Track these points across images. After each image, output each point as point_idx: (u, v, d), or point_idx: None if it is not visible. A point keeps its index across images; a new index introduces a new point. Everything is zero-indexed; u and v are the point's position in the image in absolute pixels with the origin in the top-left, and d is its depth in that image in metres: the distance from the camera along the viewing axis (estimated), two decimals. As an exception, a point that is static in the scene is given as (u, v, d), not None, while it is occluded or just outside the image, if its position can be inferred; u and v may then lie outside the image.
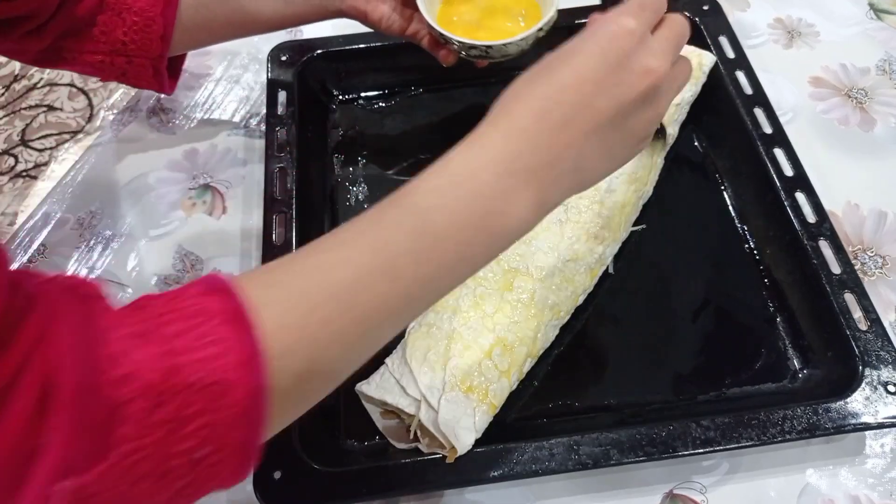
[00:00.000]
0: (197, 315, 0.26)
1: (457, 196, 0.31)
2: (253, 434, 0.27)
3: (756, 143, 0.57)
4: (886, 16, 0.72)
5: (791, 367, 0.50)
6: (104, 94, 1.53)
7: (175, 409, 0.25)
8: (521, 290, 0.49)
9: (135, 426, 0.24)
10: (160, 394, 0.25)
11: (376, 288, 0.30)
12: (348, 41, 0.67)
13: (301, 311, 0.29)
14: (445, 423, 0.43)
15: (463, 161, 0.32)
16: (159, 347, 0.25)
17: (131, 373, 0.25)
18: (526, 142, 0.31)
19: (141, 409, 0.24)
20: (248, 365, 0.26)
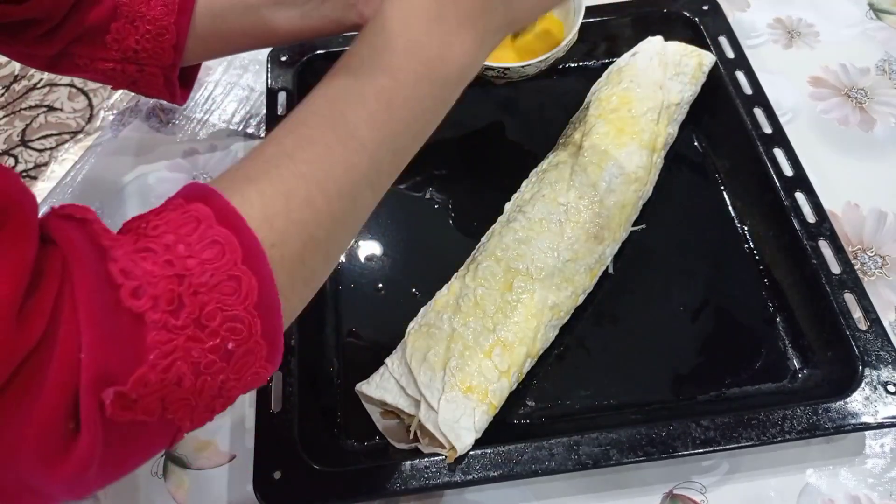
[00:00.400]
0: (189, 222, 0.28)
1: (395, 52, 0.32)
2: (272, 321, 0.28)
3: (756, 143, 0.57)
4: (886, 16, 0.72)
5: (791, 367, 0.50)
6: (104, 94, 1.53)
7: (193, 311, 0.26)
8: (521, 290, 0.49)
9: (161, 331, 0.26)
10: (175, 298, 0.26)
11: (343, 160, 0.31)
12: (348, 42, 0.67)
13: (280, 199, 0.30)
14: (445, 423, 0.43)
15: (394, 17, 0.32)
16: (162, 256, 0.27)
17: (143, 284, 0.26)
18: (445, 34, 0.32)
19: (162, 315, 0.26)
20: (250, 258, 0.27)
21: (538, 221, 0.52)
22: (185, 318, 0.26)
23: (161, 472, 0.49)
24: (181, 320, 0.26)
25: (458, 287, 0.50)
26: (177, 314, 0.26)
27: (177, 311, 0.26)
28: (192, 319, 0.26)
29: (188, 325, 0.26)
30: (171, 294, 0.26)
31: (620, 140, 0.56)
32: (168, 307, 0.26)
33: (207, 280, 0.27)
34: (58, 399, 0.24)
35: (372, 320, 0.54)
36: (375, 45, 0.32)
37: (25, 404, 0.24)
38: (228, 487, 0.48)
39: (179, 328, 0.26)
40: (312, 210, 0.31)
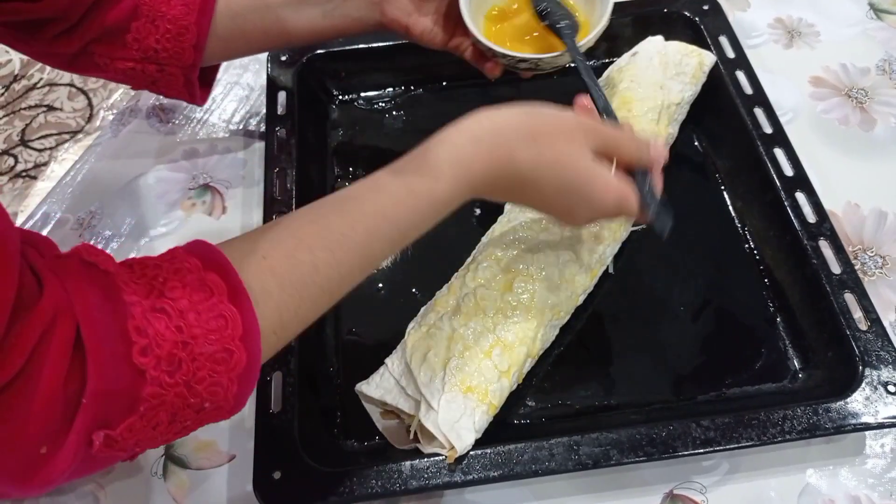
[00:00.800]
0: (203, 290, 0.31)
1: (430, 216, 0.40)
2: (247, 388, 0.33)
3: (756, 142, 0.57)
4: (886, 16, 0.72)
5: (791, 367, 0.50)
6: (104, 94, 1.53)
7: (188, 374, 0.30)
8: (521, 290, 0.49)
9: (157, 387, 0.29)
10: (176, 360, 0.30)
11: (357, 276, 0.38)
12: (348, 41, 0.67)
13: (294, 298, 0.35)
14: (445, 423, 0.43)
15: (443, 191, 0.39)
16: (174, 321, 0.30)
17: (152, 344, 0.29)
18: (471, 191, 0.41)
19: (162, 373, 0.29)
20: (247, 337, 0.32)
21: (538, 221, 0.52)
22: (179, 378, 0.30)
23: (161, 472, 0.49)
24: (175, 379, 0.30)
25: (458, 287, 0.50)
26: (173, 374, 0.30)
27: (174, 371, 0.30)
28: (185, 381, 0.30)
29: (179, 385, 0.30)
30: (174, 357, 0.30)
31: (620, 140, 0.56)
32: (168, 367, 0.30)
33: (207, 349, 0.30)
34: (37, 431, 0.27)
35: (372, 320, 0.54)
36: (418, 208, 0.39)
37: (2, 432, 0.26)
38: (228, 487, 0.48)
39: (171, 385, 0.30)
40: (315, 306, 0.37)
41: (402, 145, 0.65)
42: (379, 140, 0.65)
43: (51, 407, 0.27)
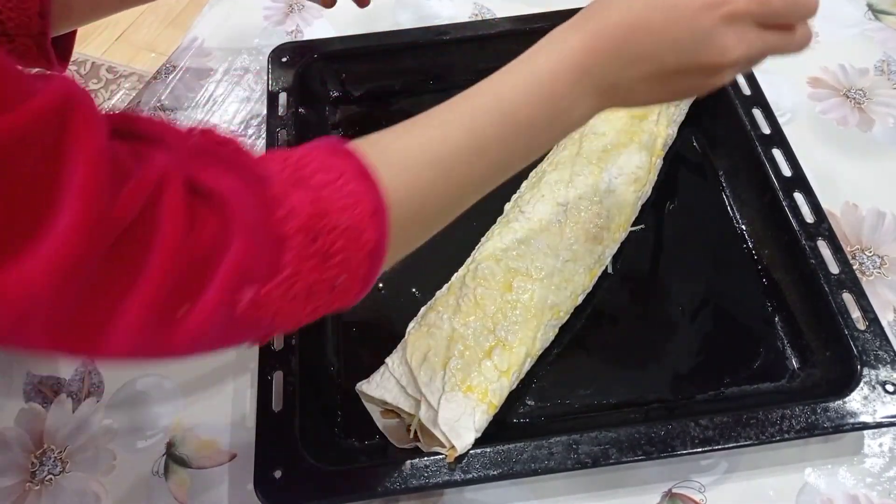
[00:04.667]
0: (332, 170, 0.32)
1: (539, 96, 0.36)
2: (375, 267, 0.33)
3: (755, 143, 0.57)
4: (885, 16, 0.72)
5: (789, 367, 0.51)
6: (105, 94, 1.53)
7: (324, 245, 0.31)
8: (521, 290, 0.49)
9: (296, 254, 0.30)
10: (313, 230, 0.30)
11: (469, 162, 0.36)
12: (349, 42, 0.67)
13: (410, 175, 0.35)
14: (445, 423, 0.44)
15: (546, 62, 0.36)
16: (310, 194, 0.31)
17: (291, 212, 0.30)
18: (599, 63, 0.36)
19: (300, 241, 0.30)
20: (376, 215, 0.32)
21: (537, 221, 0.52)
22: (316, 249, 0.30)
23: (162, 471, 0.49)
24: (313, 249, 0.30)
25: (458, 287, 0.50)
26: (311, 244, 0.30)
27: (312, 241, 0.30)
28: (321, 252, 0.30)
29: (316, 256, 0.30)
30: (312, 226, 0.30)
31: (620, 141, 0.56)
32: (307, 237, 0.30)
33: (342, 223, 0.31)
34: (167, 282, 0.26)
35: (372, 320, 0.54)
36: (525, 84, 0.36)
37: (126, 283, 0.26)
38: (229, 486, 0.48)
39: (310, 256, 0.30)
40: (431, 192, 0.36)
41: (403, 146, 0.65)
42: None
43: (176, 257, 0.26)
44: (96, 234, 0.24)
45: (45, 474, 0.49)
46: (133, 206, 0.25)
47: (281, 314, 0.31)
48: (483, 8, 0.77)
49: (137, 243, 0.26)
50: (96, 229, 0.24)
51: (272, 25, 0.77)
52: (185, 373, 0.53)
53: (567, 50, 0.36)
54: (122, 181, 0.26)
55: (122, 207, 0.25)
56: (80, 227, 0.23)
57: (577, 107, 0.37)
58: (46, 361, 0.55)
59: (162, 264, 0.26)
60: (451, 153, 0.36)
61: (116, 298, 0.26)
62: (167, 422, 0.51)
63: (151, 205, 0.26)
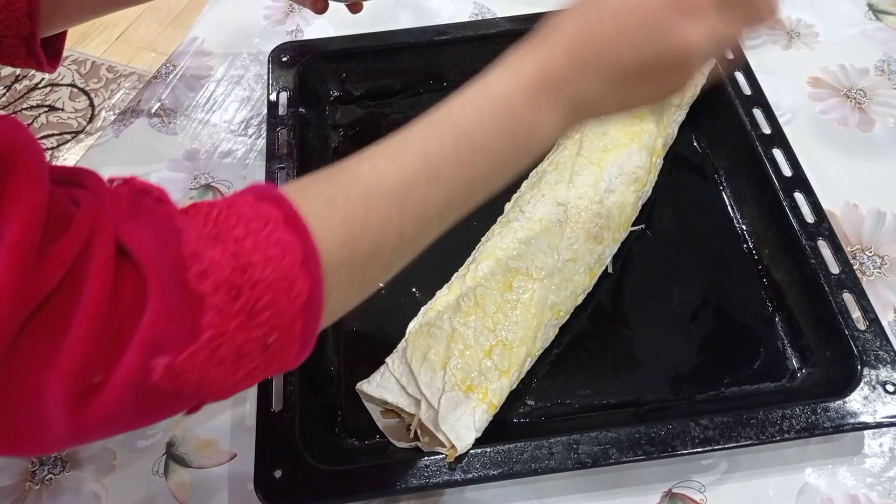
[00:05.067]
0: (257, 219, 0.30)
1: (494, 117, 0.35)
2: (312, 322, 0.31)
3: (755, 143, 0.57)
4: (885, 16, 0.73)
5: (790, 367, 0.51)
6: (105, 94, 1.53)
7: (249, 301, 0.28)
8: (521, 290, 0.49)
9: (217, 315, 0.28)
10: (236, 287, 0.28)
11: (424, 191, 0.34)
12: (349, 42, 0.67)
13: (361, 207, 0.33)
14: (445, 423, 0.44)
15: (500, 82, 0.35)
16: (230, 248, 0.29)
17: (209, 268, 0.28)
18: (557, 78, 0.35)
19: (221, 300, 0.28)
20: (307, 263, 0.30)
21: (538, 221, 0.52)
22: (239, 306, 0.28)
23: (162, 471, 0.49)
24: (236, 307, 0.28)
25: (458, 287, 0.50)
26: (233, 302, 0.28)
27: (234, 299, 0.28)
28: (246, 309, 0.28)
29: (241, 314, 0.28)
30: (233, 283, 0.28)
31: (620, 141, 0.56)
32: (228, 294, 0.28)
33: (267, 276, 0.29)
34: (86, 350, 0.25)
35: (372, 320, 0.54)
36: (478, 106, 0.35)
37: (49, 347, 0.25)
38: (229, 486, 0.48)
39: (233, 315, 0.28)
40: (387, 225, 0.33)
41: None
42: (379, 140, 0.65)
43: (98, 322, 0.25)
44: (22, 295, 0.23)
45: (45, 474, 0.49)
46: (63, 263, 0.25)
47: (208, 381, 0.28)
48: (483, 8, 0.77)
49: (63, 305, 0.25)
50: (23, 290, 0.23)
51: (272, 25, 0.77)
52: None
53: (521, 68, 0.35)
54: (58, 234, 0.25)
55: (52, 266, 0.24)
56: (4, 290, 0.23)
57: (538, 125, 0.35)
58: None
59: (84, 331, 0.25)
60: (404, 182, 0.34)
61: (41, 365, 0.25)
62: (167, 422, 0.51)
63: (81, 260, 0.25)
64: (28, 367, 0.25)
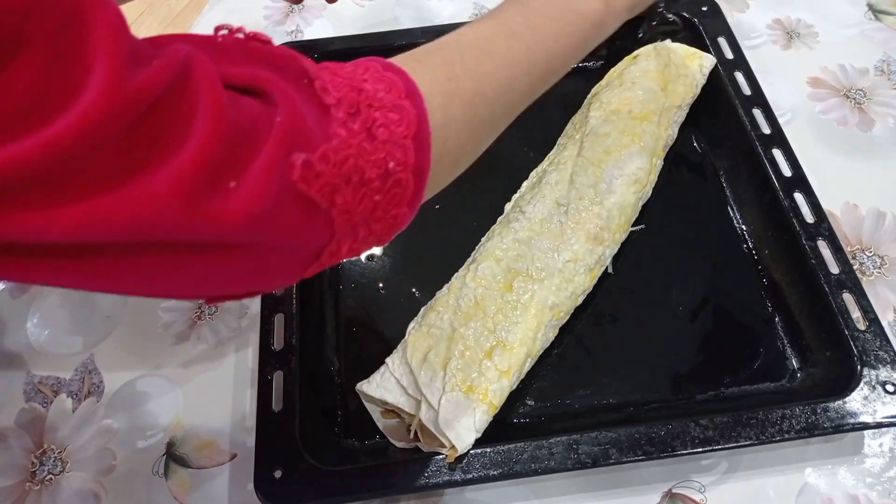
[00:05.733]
0: (358, 66, 0.32)
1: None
2: (422, 158, 0.31)
3: (755, 143, 0.57)
4: (885, 16, 0.73)
5: (790, 367, 0.51)
6: (105, 94, 1.53)
7: (367, 120, 0.29)
8: (521, 290, 0.49)
9: (341, 126, 0.29)
10: (354, 105, 0.29)
11: (505, 42, 0.38)
12: (349, 42, 0.67)
13: (456, 51, 0.36)
14: (445, 423, 0.44)
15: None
16: (345, 77, 0.30)
17: (329, 87, 0.29)
18: None
19: (343, 113, 0.29)
20: (411, 95, 0.31)
21: (538, 222, 0.52)
22: (360, 123, 0.29)
23: (162, 471, 0.49)
24: (357, 124, 0.29)
25: (458, 287, 0.50)
26: (354, 118, 0.29)
27: (354, 115, 0.29)
28: (366, 128, 0.29)
29: (362, 132, 0.29)
30: (352, 100, 0.29)
31: (621, 141, 0.56)
32: (348, 110, 0.29)
33: (379, 100, 0.30)
34: (214, 148, 0.24)
35: (372, 320, 0.54)
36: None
37: (176, 138, 0.23)
38: (229, 486, 0.48)
39: (355, 131, 0.29)
40: (481, 66, 0.36)
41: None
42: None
43: (222, 122, 0.24)
44: (122, 100, 0.22)
45: (45, 474, 0.49)
46: (164, 76, 0.23)
47: (337, 204, 0.28)
48: (483, 8, 0.77)
49: (175, 112, 0.24)
50: (121, 94, 0.22)
51: (272, 25, 0.77)
52: (185, 372, 0.53)
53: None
54: (146, 59, 0.23)
55: (149, 76, 0.23)
56: (104, 92, 0.21)
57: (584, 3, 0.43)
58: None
59: (209, 127, 0.24)
60: (486, 36, 0.38)
61: (158, 160, 0.23)
62: (167, 422, 0.51)
63: (184, 77, 0.24)
64: (146, 162, 0.23)
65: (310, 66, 0.30)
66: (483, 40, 0.38)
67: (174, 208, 0.23)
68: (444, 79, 0.34)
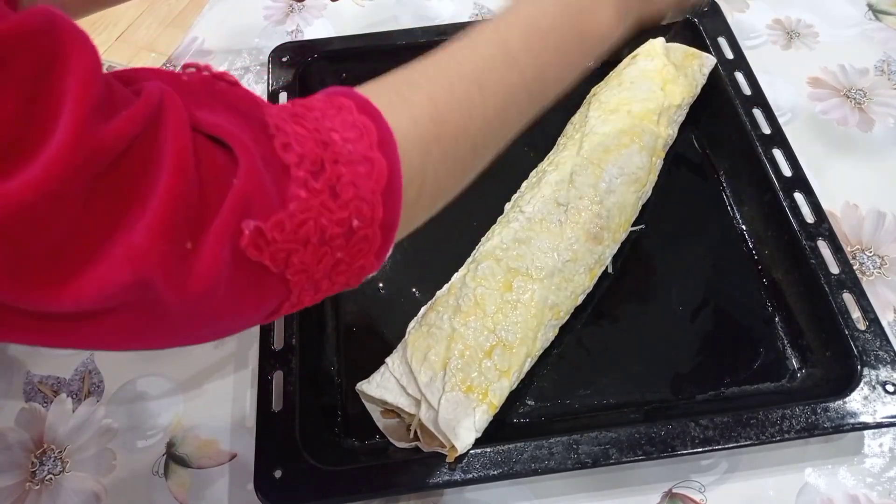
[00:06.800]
0: (332, 107, 0.30)
1: (556, 3, 0.38)
2: (392, 213, 0.30)
3: (755, 143, 0.57)
4: (885, 16, 0.73)
5: (790, 367, 0.51)
6: (105, 94, 1.53)
7: (331, 178, 0.28)
8: (521, 290, 0.49)
9: (301, 188, 0.27)
10: (318, 161, 0.28)
11: (501, 73, 0.35)
12: (349, 42, 0.67)
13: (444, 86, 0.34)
14: (445, 423, 0.44)
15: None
16: (310, 126, 0.28)
17: (293, 140, 0.27)
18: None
19: (305, 173, 0.27)
20: (383, 144, 0.29)
21: (538, 222, 0.52)
22: (322, 182, 0.28)
23: (162, 471, 0.49)
24: (319, 184, 0.27)
25: (458, 287, 0.50)
26: (317, 177, 0.27)
27: (317, 173, 0.27)
28: (329, 186, 0.28)
29: (324, 191, 0.28)
30: (316, 156, 0.28)
31: (620, 141, 0.56)
32: (311, 168, 0.27)
33: (347, 153, 0.28)
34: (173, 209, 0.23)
35: (372, 320, 0.54)
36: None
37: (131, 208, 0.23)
38: (229, 486, 0.48)
39: (317, 191, 0.27)
40: (470, 103, 0.34)
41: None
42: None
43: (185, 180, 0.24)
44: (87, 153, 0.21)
45: (45, 474, 0.49)
46: (132, 126, 0.23)
47: (294, 265, 0.27)
48: (483, 8, 0.77)
49: (139, 165, 0.23)
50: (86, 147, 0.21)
51: (272, 25, 0.77)
52: (185, 372, 0.53)
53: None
54: (118, 106, 0.23)
55: (117, 128, 0.23)
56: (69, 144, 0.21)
57: (597, 14, 0.39)
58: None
59: (171, 187, 0.23)
60: (482, 66, 0.35)
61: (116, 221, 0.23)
62: (167, 422, 0.51)
63: (154, 126, 0.24)
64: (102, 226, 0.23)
65: (272, 117, 0.28)
66: (478, 71, 0.35)
67: (138, 275, 0.23)
68: (427, 119, 0.32)
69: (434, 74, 0.34)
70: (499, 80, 0.35)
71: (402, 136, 0.30)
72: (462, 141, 0.34)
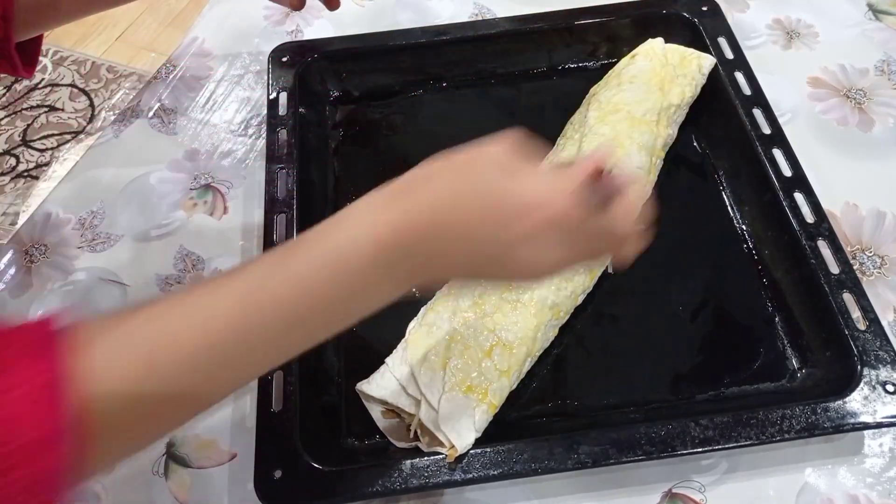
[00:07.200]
0: (15, 373, 0.27)
1: (334, 272, 0.33)
2: None
3: (755, 143, 0.57)
4: (885, 16, 0.73)
5: (790, 367, 0.51)
6: (105, 94, 1.53)
7: None
8: (521, 290, 0.49)
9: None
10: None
11: (230, 362, 0.31)
12: (349, 42, 0.67)
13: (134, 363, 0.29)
14: (445, 423, 0.44)
15: (347, 238, 0.33)
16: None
17: None
18: (406, 243, 0.32)
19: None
20: (45, 443, 0.26)
21: (538, 221, 0.52)
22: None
23: (162, 470, 0.49)
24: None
25: (458, 287, 0.50)
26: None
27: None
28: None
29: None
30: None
31: (620, 141, 0.56)
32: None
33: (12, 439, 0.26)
34: None
35: (372, 320, 0.54)
36: (322, 259, 0.33)
37: None
38: (229, 486, 0.48)
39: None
40: None
41: (403, 145, 0.66)
42: (379, 140, 0.66)
43: None
44: None
45: (46, 474, 0.49)
46: None
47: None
48: (483, 8, 0.77)
49: None
50: None
51: (272, 25, 0.77)
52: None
53: (372, 226, 0.32)
54: None
55: None
56: None
57: (372, 297, 0.35)
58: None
59: None
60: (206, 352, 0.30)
61: None
62: (167, 422, 0.51)
63: None
64: None
65: None
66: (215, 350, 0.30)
67: None
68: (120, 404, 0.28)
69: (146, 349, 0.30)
70: (220, 369, 0.31)
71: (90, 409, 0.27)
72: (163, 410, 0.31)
